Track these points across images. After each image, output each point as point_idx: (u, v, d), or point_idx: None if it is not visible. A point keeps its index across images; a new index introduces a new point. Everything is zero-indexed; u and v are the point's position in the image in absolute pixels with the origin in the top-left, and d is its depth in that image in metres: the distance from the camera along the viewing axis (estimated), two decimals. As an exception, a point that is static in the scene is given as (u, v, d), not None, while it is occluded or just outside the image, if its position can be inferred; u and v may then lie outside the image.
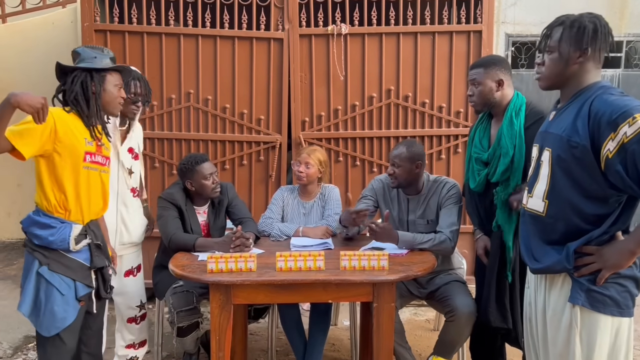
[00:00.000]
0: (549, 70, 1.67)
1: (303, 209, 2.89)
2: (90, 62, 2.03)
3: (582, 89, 1.63)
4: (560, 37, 1.61)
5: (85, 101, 2.01)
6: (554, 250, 1.65)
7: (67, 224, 1.99)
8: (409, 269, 2.21)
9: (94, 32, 3.58)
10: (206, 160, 2.69)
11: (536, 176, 1.71)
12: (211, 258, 2.16)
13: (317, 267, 2.18)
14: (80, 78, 2.01)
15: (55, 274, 1.95)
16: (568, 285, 1.63)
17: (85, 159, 2.02)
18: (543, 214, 1.67)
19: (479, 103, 2.33)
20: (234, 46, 3.66)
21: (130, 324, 2.69)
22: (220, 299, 2.14)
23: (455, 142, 3.75)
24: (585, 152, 1.54)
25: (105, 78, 2.05)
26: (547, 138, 1.68)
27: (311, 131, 3.74)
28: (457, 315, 2.37)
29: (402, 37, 3.68)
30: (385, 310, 2.16)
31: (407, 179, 2.55)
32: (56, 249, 1.97)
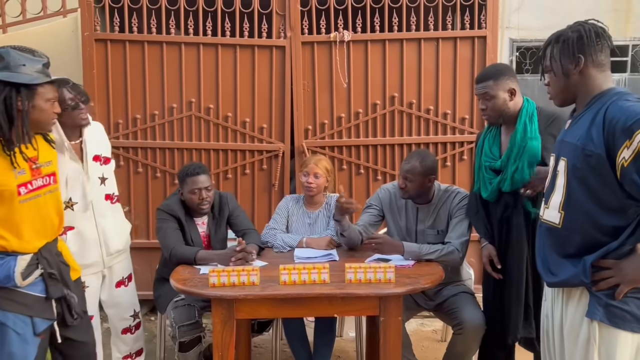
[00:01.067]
0: (553, 89, 1.68)
1: (308, 218, 2.84)
2: (16, 71, 1.68)
3: (596, 96, 1.59)
4: (551, 55, 1.64)
5: (7, 121, 1.67)
6: (570, 263, 1.60)
7: (10, 257, 1.73)
8: (416, 281, 2.16)
9: (94, 42, 3.56)
10: (201, 173, 2.56)
11: (552, 187, 1.67)
12: (213, 272, 2.11)
13: (322, 280, 2.13)
14: (3, 93, 1.66)
15: (8, 312, 1.73)
16: (586, 299, 1.57)
17: (20, 193, 1.74)
18: (559, 226, 1.63)
19: (493, 116, 2.26)
20: (236, 54, 3.63)
21: (125, 334, 2.63)
22: (223, 314, 2.09)
23: (461, 149, 3.70)
24: (600, 161, 1.49)
25: (35, 92, 1.71)
26: (563, 147, 1.64)
27: (314, 139, 3.69)
28: (466, 328, 2.32)
29: (406, 43, 3.63)
30: (392, 324, 2.11)
31: (418, 192, 2.51)
32: (4, 287, 1.73)
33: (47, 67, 1.78)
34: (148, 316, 3.79)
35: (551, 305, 1.72)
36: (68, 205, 2.30)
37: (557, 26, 4.69)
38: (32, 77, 1.71)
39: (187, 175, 2.57)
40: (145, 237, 3.71)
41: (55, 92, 1.81)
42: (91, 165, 2.40)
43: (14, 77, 1.68)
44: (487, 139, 2.36)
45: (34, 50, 1.77)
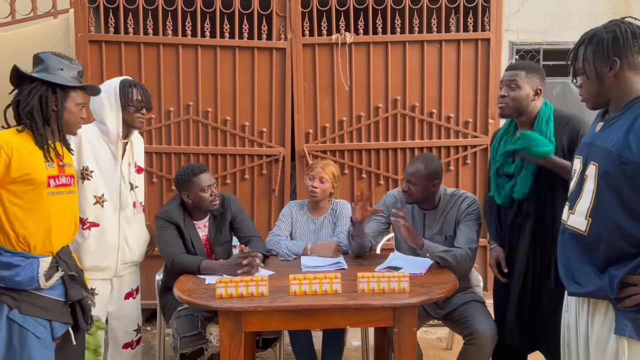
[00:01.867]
0: (586, 92, 1.60)
1: (313, 225, 2.76)
2: (54, 74, 1.81)
3: (633, 100, 1.51)
4: (583, 57, 1.55)
5: (43, 119, 1.79)
6: (595, 274, 1.52)
7: (32, 259, 1.77)
8: (431, 290, 2.08)
9: (88, 43, 3.45)
10: (204, 171, 2.53)
11: (579, 191, 1.58)
12: (220, 282, 2.02)
13: (334, 290, 2.05)
14: (40, 91, 1.79)
15: (28, 316, 1.75)
16: (612, 312, 1.50)
17: (50, 185, 1.80)
18: (585, 233, 1.54)
19: (511, 107, 2.18)
20: (235, 56, 3.54)
21: (126, 349, 2.52)
22: (231, 327, 1.99)
23: (464, 153, 3.65)
24: (637, 170, 1.42)
25: (68, 95, 1.84)
26: (593, 151, 1.55)
27: (315, 143, 3.62)
28: (478, 338, 2.25)
29: (409, 45, 3.58)
30: (407, 335, 2.03)
31: (423, 196, 2.44)
32: (25, 290, 1.75)
33: (81, 75, 1.92)
34: (145, 326, 3.68)
35: (575, 317, 1.65)
36: (99, 200, 2.32)
37: (556, 29, 4.67)
38: (68, 81, 1.84)
39: (193, 174, 2.51)
40: (141, 245, 3.60)
41: (85, 98, 1.93)
42: (126, 169, 2.40)
43: (51, 77, 1.81)
44: (504, 141, 2.29)
45: (72, 58, 1.92)
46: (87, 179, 2.31)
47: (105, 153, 2.34)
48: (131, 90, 2.33)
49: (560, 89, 4.50)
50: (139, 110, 2.36)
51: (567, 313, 1.72)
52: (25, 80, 1.80)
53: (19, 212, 1.76)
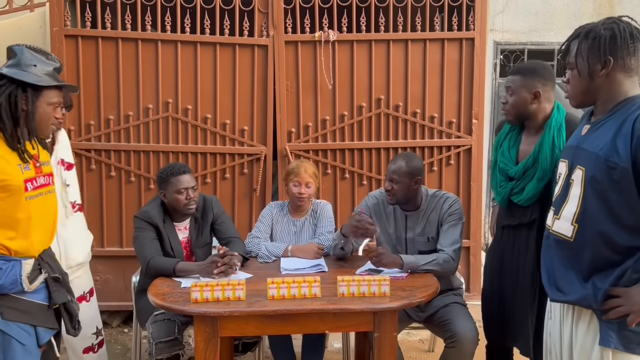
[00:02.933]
0: (573, 88, 1.54)
1: (294, 226, 2.70)
2: (25, 70, 1.68)
3: (621, 103, 1.47)
4: (577, 51, 1.48)
5: (9, 117, 1.66)
6: (579, 282, 1.49)
7: (14, 261, 1.69)
8: (412, 294, 2.05)
9: (64, 38, 3.34)
10: (185, 172, 2.45)
11: (565, 196, 1.54)
12: (195, 286, 1.96)
13: (313, 294, 2.00)
14: (9, 89, 1.66)
15: (12, 322, 1.67)
16: (597, 321, 1.47)
17: (27, 189, 1.71)
18: (571, 239, 1.51)
19: (511, 113, 2.13)
20: (216, 53, 3.47)
21: (87, 354, 2.44)
22: (206, 332, 1.94)
23: (448, 154, 3.62)
24: (624, 175, 1.38)
25: (40, 94, 1.70)
26: (580, 155, 1.51)
27: (298, 142, 3.56)
28: (459, 341, 2.22)
29: (392, 44, 3.53)
30: (387, 340, 1.99)
31: (405, 195, 2.40)
32: (7, 294, 1.67)
33: (58, 71, 1.79)
34: (121, 327, 3.60)
35: (560, 324, 1.62)
36: None
37: (541, 30, 4.65)
38: (40, 79, 1.71)
39: (172, 174, 2.43)
40: (118, 245, 3.51)
41: (60, 97, 1.78)
42: (55, 167, 2.24)
43: (22, 75, 1.68)
44: (509, 137, 2.22)
45: (48, 53, 1.79)
46: None
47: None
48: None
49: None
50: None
51: (549, 320, 1.69)
52: None
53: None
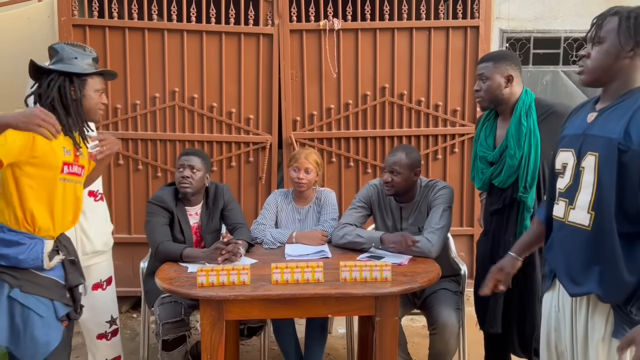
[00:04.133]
0: (595, 62, 1.48)
1: (298, 214, 2.74)
2: (69, 63, 1.83)
3: (633, 90, 1.45)
4: (615, 27, 1.44)
5: (64, 108, 1.81)
6: (599, 273, 1.45)
7: (37, 239, 1.78)
8: (413, 279, 2.08)
9: (72, 27, 3.39)
10: (195, 154, 2.56)
11: (577, 185, 1.51)
12: (201, 271, 2.01)
13: (316, 279, 2.04)
14: (58, 82, 1.81)
15: (30, 295, 1.75)
16: (613, 313, 1.45)
17: (63, 171, 1.82)
18: (588, 228, 1.47)
19: (486, 99, 2.22)
20: (221, 42, 3.49)
21: (100, 340, 2.50)
22: (212, 315, 1.98)
23: (452, 142, 3.63)
24: (633, 158, 1.37)
25: (86, 82, 1.85)
26: (589, 142, 1.48)
27: (303, 131, 3.59)
28: (439, 329, 2.25)
29: (397, 32, 3.54)
30: (389, 324, 2.03)
31: (404, 187, 2.43)
32: (26, 269, 1.76)
33: (96, 61, 1.92)
34: (130, 313, 3.67)
35: (571, 317, 1.57)
36: None
37: (547, 17, 4.63)
38: (83, 68, 1.86)
39: (182, 154, 2.58)
40: (126, 232, 3.58)
41: (103, 83, 1.93)
42: None
43: (67, 67, 1.82)
44: (485, 127, 2.31)
45: (85, 45, 1.92)
46: None
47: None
48: None
49: (550, 77, 4.47)
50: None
51: (557, 313, 1.63)
52: (43, 73, 1.82)
53: (31, 193, 1.76)
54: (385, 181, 2.43)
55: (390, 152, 2.51)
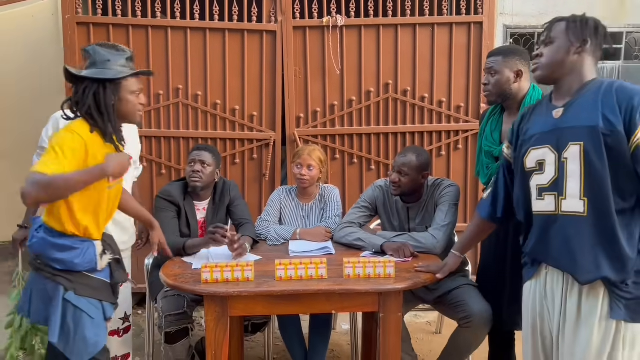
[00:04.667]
0: (548, 59, 1.64)
1: (302, 211, 2.75)
2: (102, 67, 1.77)
3: (587, 83, 1.60)
4: (563, 29, 1.63)
5: (100, 115, 1.77)
6: (604, 257, 1.53)
7: (88, 242, 1.83)
8: (417, 276, 2.08)
9: (76, 25, 3.39)
10: (206, 150, 2.59)
11: (562, 176, 1.58)
12: (206, 267, 2.02)
13: (319, 275, 2.04)
14: (92, 89, 1.76)
15: (82, 297, 1.80)
16: (608, 294, 1.54)
17: (109, 180, 1.81)
18: (584, 214, 1.55)
19: (493, 93, 2.21)
20: (225, 39, 3.50)
21: (112, 336, 2.52)
22: (216, 311, 1.99)
23: (456, 138, 3.63)
24: (619, 139, 1.49)
25: (120, 86, 1.79)
26: (568, 133, 1.57)
27: (306, 128, 3.59)
28: (475, 322, 2.23)
29: (401, 28, 3.54)
30: (392, 320, 2.03)
31: (411, 189, 2.43)
32: (79, 271, 1.81)
33: (131, 60, 1.84)
34: (135, 309, 3.69)
35: (561, 302, 1.63)
36: None
37: (551, 13, 4.62)
38: (117, 72, 1.79)
39: (194, 149, 2.62)
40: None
41: (140, 84, 1.86)
42: None
43: (100, 73, 1.76)
44: (491, 122, 2.30)
45: (117, 45, 1.86)
46: None
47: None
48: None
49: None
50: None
51: (544, 299, 1.68)
52: (78, 79, 1.78)
53: (80, 203, 1.77)
54: (393, 181, 2.43)
55: (400, 152, 2.50)
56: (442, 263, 2.13)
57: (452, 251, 2.12)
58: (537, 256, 1.70)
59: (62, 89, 3.55)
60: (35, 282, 1.83)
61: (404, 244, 2.31)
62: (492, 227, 2.01)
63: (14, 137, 4.80)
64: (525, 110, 1.83)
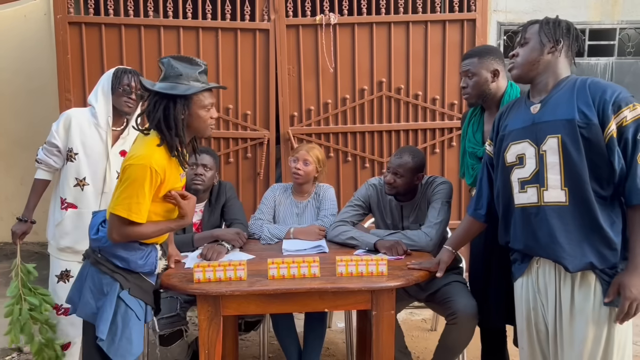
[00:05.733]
0: (523, 58, 1.71)
1: (296, 208, 2.75)
2: (174, 81, 1.76)
3: (562, 80, 1.68)
4: (536, 30, 1.70)
5: (168, 129, 1.78)
6: (588, 244, 1.59)
7: (151, 245, 1.90)
8: (409, 274, 2.08)
9: (67, 25, 3.38)
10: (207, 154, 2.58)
11: (543, 168, 1.65)
12: (198, 266, 2.02)
13: (312, 274, 2.04)
14: (162, 104, 1.76)
15: (134, 298, 1.84)
16: (600, 283, 1.60)
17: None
18: (566, 203, 1.61)
19: (473, 95, 2.21)
20: (218, 38, 3.49)
21: None
22: (209, 311, 1.99)
23: (450, 136, 3.63)
24: (595, 131, 1.56)
25: (191, 101, 1.78)
26: (546, 127, 1.65)
27: (300, 126, 3.59)
28: (460, 318, 2.25)
29: (394, 26, 3.54)
30: (385, 318, 2.03)
31: (405, 189, 2.43)
32: (137, 272, 1.86)
33: (204, 74, 1.83)
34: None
35: (555, 296, 1.67)
36: (79, 183, 2.38)
37: (544, 10, 4.64)
38: (188, 87, 1.77)
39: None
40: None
41: (212, 98, 1.85)
42: (115, 157, 2.42)
43: (171, 88, 1.75)
44: (472, 123, 2.33)
45: (192, 58, 1.83)
46: (70, 160, 2.36)
47: (94, 138, 2.38)
48: (124, 75, 2.38)
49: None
50: (127, 94, 2.37)
51: (537, 294, 1.73)
52: (150, 91, 1.79)
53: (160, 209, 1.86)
54: (388, 182, 2.43)
55: (395, 153, 2.49)
56: (436, 259, 2.14)
57: (445, 246, 2.13)
58: (526, 250, 1.74)
59: (54, 89, 3.55)
60: (90, 275, 1.85)
61: (397, 242, 2.31)
62: (481, 225, 2.03)
63: (7, 138, 4.79)
64: (504, 107, 1.88)
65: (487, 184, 1.94)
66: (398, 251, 2.28)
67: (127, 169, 1.74)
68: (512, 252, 1.84)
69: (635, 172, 1.54)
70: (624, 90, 1.58)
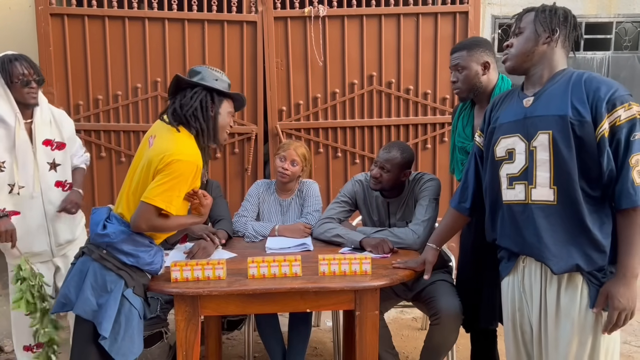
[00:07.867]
0: (517, 49, 1.64)
1: (280, 206, 2.68)
2: (211, 83, 1.91)
3: (558, 73, 1.60)
4: (532, 19, 1.63)
5: (203, 118, 1.88)
6: (574, 246, 1.53)
7: (156, 247, 1.92)
8: (394, 273, 2.02)
9: (49, 16, 3.30)
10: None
11: (532, 165, 1.58)
12: (175, 265, 1.95)
13: (293, 273, 1.97)
14: (201, 96, 1.88)
15: (137, 297, 1.84)
16: (587, 286, 1.54)
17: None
18: (554, 202, 1.55)
19: (464, 89, 2.15)
20: (204, 30, 3.41)
21: None
22: (187, 311, 1.92)
23: (442, 131, 3.57)
24: (588, 129, 1.49)
25: (222, 102, 1.94)
26: (537, 122, 1.57)
27: (289, 121, 3.52)
28: (443, 318, 2.19)
29: (384, 19, 3.46)
30: (369, 318, 1.97)
31: (391, 185, 2.36)
32: (143, 270, 1.86)
33: (229, 87, 1.99)
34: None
35: (540, 295, 1.62)
36: (13, 189, 2.24)
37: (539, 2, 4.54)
38: (224, 88, 1.95)
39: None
40: (111, 226, 3.51)
41: (233, 107, 2.01)
42: (40, 149, 2.28)
43: (211, 83, 1.90)
44: (462, 117, 2.27)
45: (221, 72, 2.00)
46: (0, 170, 2.22)
47: (8, 139, 2.20)
48: (12, 65, 2.17)
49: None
50: (26, 85, 2.20)
51: (522, 294, 1.69)
52: (185, 89, 1.90)
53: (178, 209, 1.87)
54: (374, 176, 2.37)
55: (384, 147, 2.42)
56: (420, 258, 2.07)
57: (429, 244, 2.06)
58: (511, 247, 1.69)
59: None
60: (92, 272, 1.80)
61: (383, 240, 2.25)
62: (465, 219, 1.97)
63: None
64: (496, 98, 1.80)
65: (473, 176, 1.87)
66: (384, 249, 2.21)
67: (173, 163, 1.77)
68: (499, 249, 1.78)
69: (627, 175, 1.46)
70: (621, 88, 1.50)
